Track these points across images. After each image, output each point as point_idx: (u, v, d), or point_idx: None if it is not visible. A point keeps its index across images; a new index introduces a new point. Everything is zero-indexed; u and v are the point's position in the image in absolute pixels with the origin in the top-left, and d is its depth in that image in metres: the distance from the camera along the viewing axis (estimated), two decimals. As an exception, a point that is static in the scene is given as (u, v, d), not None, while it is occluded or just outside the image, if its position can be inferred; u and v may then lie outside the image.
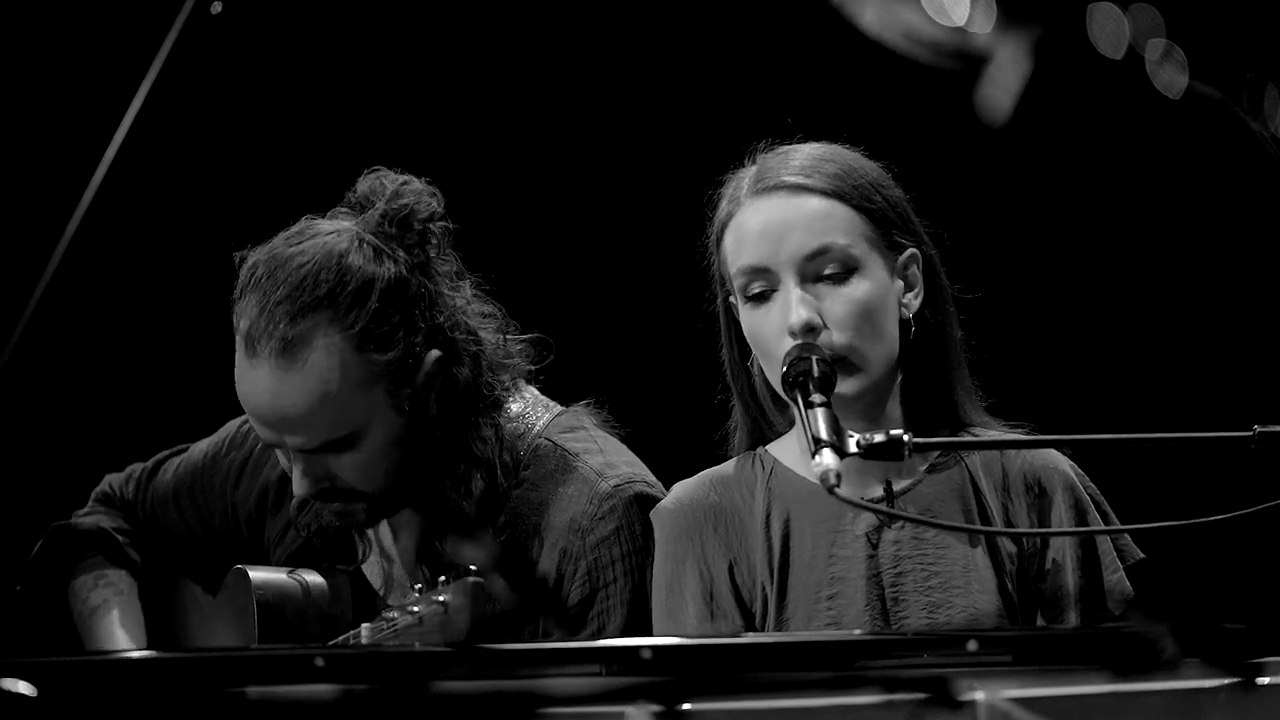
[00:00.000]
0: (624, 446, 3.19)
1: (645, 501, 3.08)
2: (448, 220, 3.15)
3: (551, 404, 3.22)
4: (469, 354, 3.13)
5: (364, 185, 3.14)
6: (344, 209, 3.14)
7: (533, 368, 3.22)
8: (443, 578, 2.80)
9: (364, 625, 2.94)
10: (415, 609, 2.81)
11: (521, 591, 3.06)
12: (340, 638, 3.05)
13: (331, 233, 3.09)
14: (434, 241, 3.12)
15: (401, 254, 3.08)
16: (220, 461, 3.41)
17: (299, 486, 3.09)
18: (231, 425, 3.44)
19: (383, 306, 3.05)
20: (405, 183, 3.14)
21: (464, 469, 3.10)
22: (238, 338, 3.08)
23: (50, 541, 3.46)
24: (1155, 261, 4.34)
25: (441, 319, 3.10)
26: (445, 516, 3.13)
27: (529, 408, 3.19)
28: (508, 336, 3.20)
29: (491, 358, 3.16)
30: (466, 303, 3.16)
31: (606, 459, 3.12)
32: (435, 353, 3.09)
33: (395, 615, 2.85)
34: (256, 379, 3.04)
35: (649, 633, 2.99)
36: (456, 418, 3.11)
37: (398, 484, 3.10)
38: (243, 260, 3.10)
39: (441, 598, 2.78)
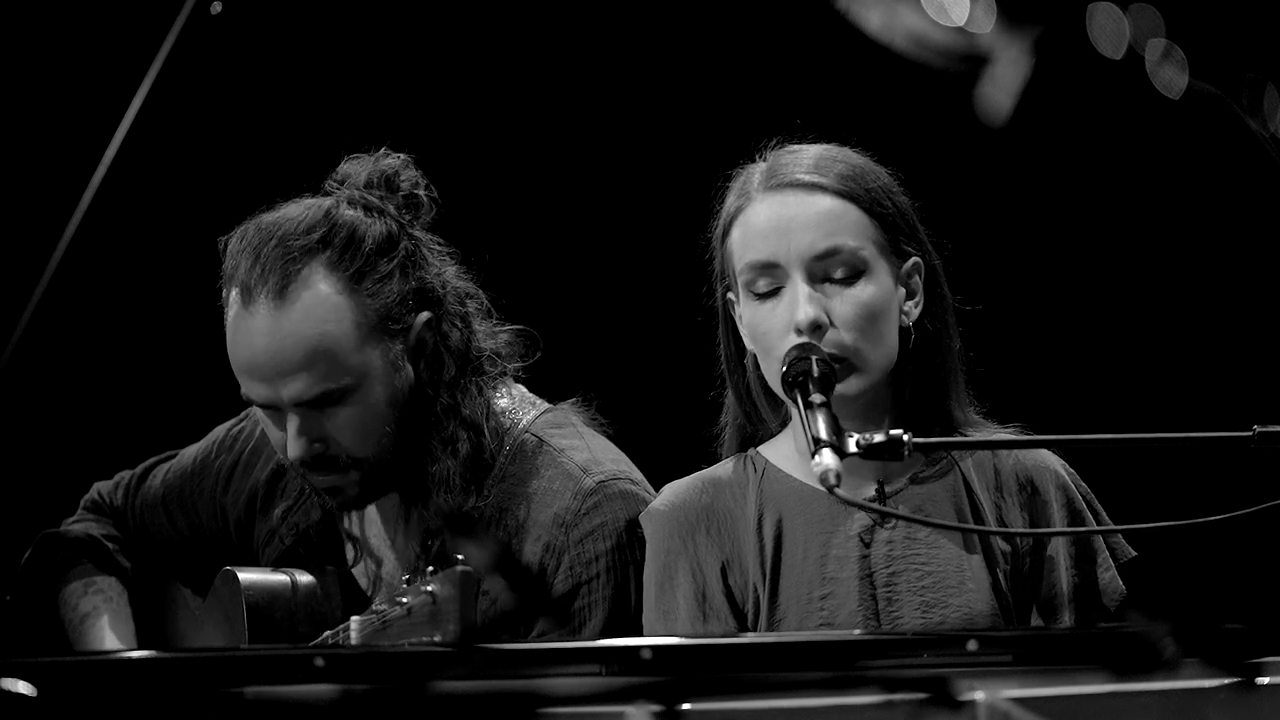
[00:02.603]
0: (611, 444, 3.20)
1: (630, 498, 3.08)
2: (433, 191, 3.17)
3: (539, 401, 3.23)
4: (458, 316, 3.14)
5: (344, 166, 3.18)
6: (328, 185, 3.16)
7: (519, 363, 3.23)
8: (430, 568, 2.79)
9: (353, 619, 2.93)
10: (404, 600, 2.80)
11: (509, 586, 3.06)
12: (329, 633, 3.05)
13: (317, 197, 3.13)
14: (421, 207, 3.15)
15: (391, 210, 3.11)
16: (209, 465, 3.41)
17: (293, 447, 3.06)
18: (220, 430, 3.44)
19: (375, 256, 3.06)
20: (386, 154, 3.16)
21: (452, 430, 3.10)
22: (232, 296, 3.07)
23: (39, 549, 3.46)
24: (1155, 261, 4.34)
25: (430, 280, 3.11)
26: (434, 501, 3.12)
27: (516, 404, 3.19)
28: (494, 322, 3.21)
29: (477, 327, 3.17)
30: (453, 273, 3.17)
31: (592, 455, 3.13)
32: (425, 314, 3.10)
33: (384, 608, 2.85)
34: (253, 327, 3.04)
35: (631, 629, 2.99)
36: (447, 379, 3.11)
37: (391, 451, 3.09)
38: (225, 244, 3.11)
39: (430, 588, 2.77)
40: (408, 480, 3.14)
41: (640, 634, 2.94)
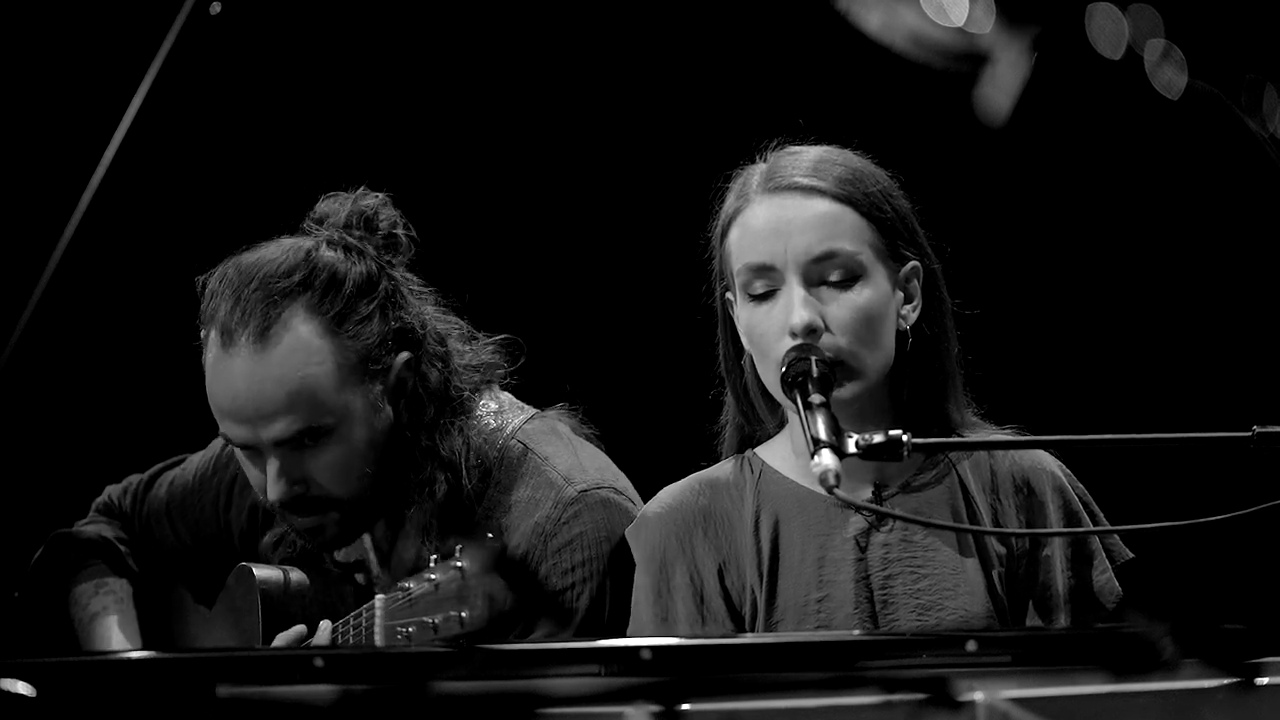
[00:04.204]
0: (597, 451, 3.20)
1: (611, 508, 3.08)
2: (412, 230, 3.18)
3: (526, 407, 3.23)
4: (438, 357, 3.14)
5: (321, 206, 3.18)
6: (306, 225, 3.17)
7: (505, 369, 3.23)
8: (459, 546, 2.79)
9: (378, 596, 2.93)
10: (432, 577, 2.79)
11: (506, 587, 3.06)
12: (354, 612, 3.05)
13: (296, 237, 3.13)
14: (400, 247, 3.15)
15: (371, 251, 3.11)
16: (208, 483, 3.42)
17: (273, 489, 3.07)
18: (217, 444, 3.45)
19: (355, 298, 3.07)
20: (364, 193, 3.16)
21: (430, 472, 3.11)
22: (211, 338, 3.07)
23: (51, 548, 3.47)
24: (1155, 262, 4.34)
25: (409, 320, 3.12)
26: (406, 537, 3.14)
27: (503, 409, 3.19)
28: (476, 341, 3.22)
29: (457, 364, 3.17)
30: (432, 312, 3.18)
31: (574, 463, 3.13)
32: (405, 354, 3.11)
33: (411, 585, 2.84)
34: (233, 368, 3.04)
35: (610, 636, 2.98)
36: (425, 420, 3.12)
37: (370, 491, 3.09)
38: (204, 284, 3.11)
39: (459, 564, 2.76)
40: (390, 516, 3.15)
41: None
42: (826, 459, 2.53)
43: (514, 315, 3.28)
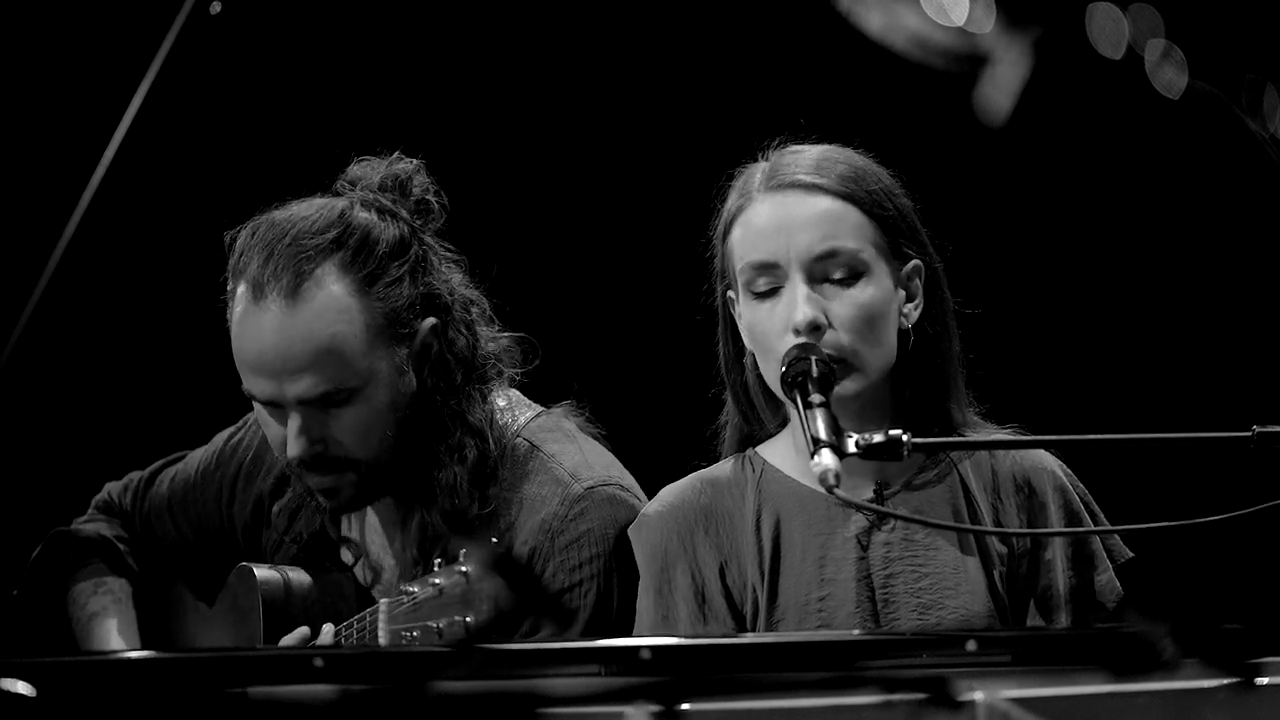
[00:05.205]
0: (603, 449, 3.19)
1: (617, 504, 3.08)
2: (443, 198, 3.18)
3: (533, 405, 3.23)
4: (464, 324, 3.14)
5: (354, 169, 3.18)
6: (339, 186, 3.17)
7: (518, 370, 3.23)
8: (463, 550, 2.78)
9: (382, 601, 2.92)
10: (436, 581, 2.79)
11: (506, 587, 3.06)
12: (357, 615, 3.05)
13: (329, 197, 3.13)
14: (432, 213, 3.15)
15: (403, 214, 3.11)
16: (211, 477, 3.41)
17: (293, 446, 3.06)
18: (219, 439, 3.44)
19: (386, 259, 3.07)
20: (398, 158, 3.17)
21: (459, 437, 3.11)
22: (240, 292, 3.06)
23: (50, 546, 3.47)
24: (1155, 261, 4.34)
25: (438, 287, 3.12)
26: (433, 501, 3.13)
27: (511, 406, 3.20)
28: (495, 328, 3.22)
29: (481, 337, 3.18)
30: (460, 280, 3.18)
31: (582, 460, 3.12)
32: (431, 320, 3.10)
33: (415, 589, 2.83)
34: (263, 322, 3.04)
35: (614, 634, 2.99)
36: (453, 385, 3.12)
37: (391, 454, 3.09)
38: (234, 239, 3.11)
39: (464, 568, 2.76)
40: (408, 484, 3.14)
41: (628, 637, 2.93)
42: (826, 459, 2.53)
43: (518, 313, 3.28)
